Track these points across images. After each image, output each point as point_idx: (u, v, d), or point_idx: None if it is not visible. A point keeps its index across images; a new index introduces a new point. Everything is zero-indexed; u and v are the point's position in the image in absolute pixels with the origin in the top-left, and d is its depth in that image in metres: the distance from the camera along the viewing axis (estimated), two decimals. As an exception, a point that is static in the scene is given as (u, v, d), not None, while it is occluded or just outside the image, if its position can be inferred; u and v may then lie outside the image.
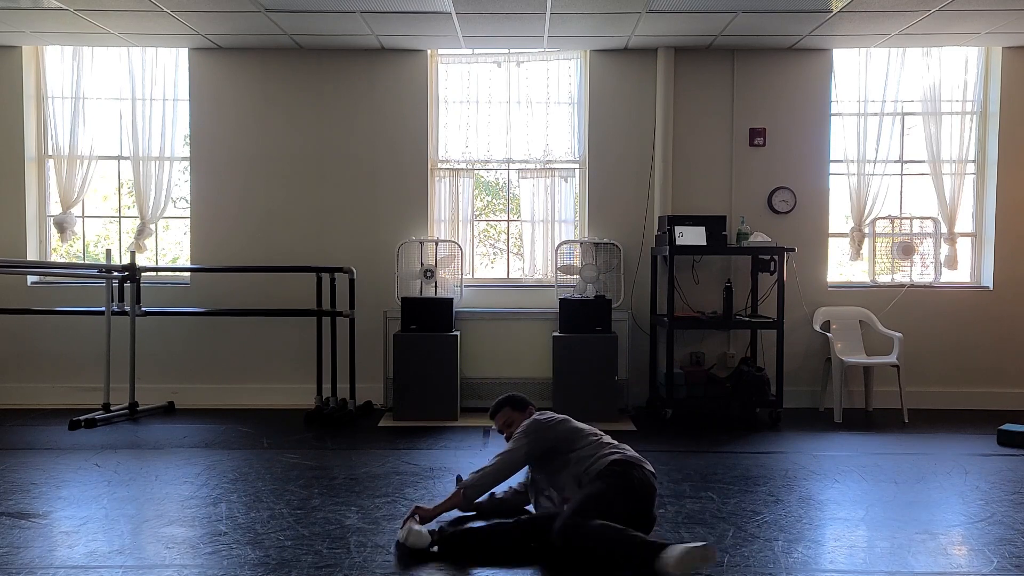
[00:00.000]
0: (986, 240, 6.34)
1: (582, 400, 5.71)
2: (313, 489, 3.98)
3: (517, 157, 6.41)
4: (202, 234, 6.32)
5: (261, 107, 6.29)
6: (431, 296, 5.99)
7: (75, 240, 6.50)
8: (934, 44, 6.09)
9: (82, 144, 6.29)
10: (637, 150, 6.27)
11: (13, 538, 3.27)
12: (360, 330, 6.11)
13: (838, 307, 6.26)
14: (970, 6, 5.22)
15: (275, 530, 3.37)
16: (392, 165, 6.30)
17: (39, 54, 6.32)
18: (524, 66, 6.35)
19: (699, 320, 5.87)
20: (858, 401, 6.20)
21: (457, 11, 5.32)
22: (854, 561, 3.10)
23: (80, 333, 6.21)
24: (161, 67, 6.30)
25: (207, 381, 6.31)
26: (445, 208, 6.40)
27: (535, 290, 6.34)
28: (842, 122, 6.29)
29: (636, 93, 6.25)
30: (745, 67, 6.23)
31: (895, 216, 6.42)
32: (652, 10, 5.29)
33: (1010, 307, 6.26)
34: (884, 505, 3.82)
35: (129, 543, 3.24)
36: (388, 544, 3.21)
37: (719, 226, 5.80)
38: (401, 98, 6.28)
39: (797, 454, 4.81)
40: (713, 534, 3.34)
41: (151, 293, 6.15)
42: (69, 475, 4.25)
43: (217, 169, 6.31)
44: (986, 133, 6.31)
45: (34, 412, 5.94)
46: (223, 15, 5.46)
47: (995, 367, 6.27)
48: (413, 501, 3.78)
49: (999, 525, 3.50)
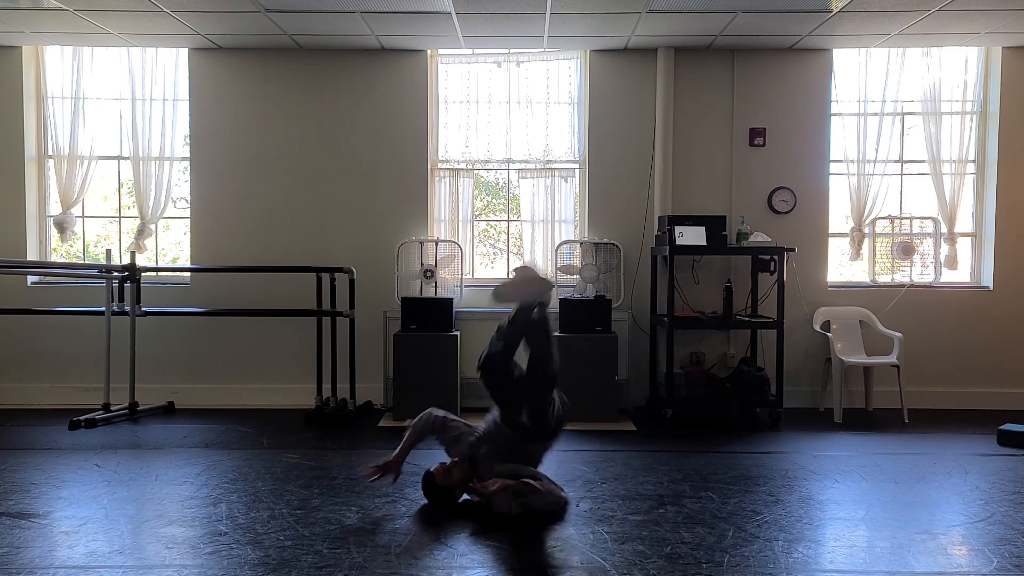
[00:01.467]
0: (986, 240, 6.34)
1: (582, 400, 5.70)
2: (313, 489, 3.98)
3: (517, 157, 6.41)
4: (202, 234, 6.33)
5: (261, 107, 6.29)
6: (431, 296, 5.99)
7: (75, 240, 6.50)
8: (934, 44, 6.09)
9: (82, 144, 6.29)
10: (637, 150, 6.27)
11: (13, 538, 3.27)
12: (360, 330, 6.12)
13: (838, 307, 6.26)
14: (970, 6, 5.22)
15: (275, 530, 3.37)
16: (392, 165, 6.30)
17: (39, 54, 6.32)
18: (524, 66, 6.35)
19: (699, 320, 5.87)
20: (858, 401, 6.20)
21: (457, 11, 5.32)
22: (854, 561, 3.10)
23: (80, 333, 6.21)
24: (161, 67, 6.30)
25: (207, 381, 6.31)
26: (445, 208, 6.40)
27: (535, 290, 6.33)
28: (842, 122, 6.29)
29: (636, 93, 6.25)
30: (745, 67, 6.23)
31: (895, 216, 6.42)
32: (652, 10, 5.29)
33: (1010, 307, 6.26)
34: (884, 505, 3.82)
35: (129, 543, 3.24)
36: (388, 544, 3.21)
37: (719, 226, 5.80)
38: (401, 98, 6.28)
39: (797, 454, 4.81)
40: (713, 534, 3.34)
41: (151, 293, 6.15)
42: (69, 475, 4.25)
43: (217, 169, 6.31)
44: (986, 133, 6.31)
45: (34, 412, 5.94)
46: (223, 15, 5.46)
47: (995, 367, 6.27)
48: (413, 501, 3.79)
49: (999, 525, 3.50)
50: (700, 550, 3.16)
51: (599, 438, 5.23)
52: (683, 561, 3.04)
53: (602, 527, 3.43)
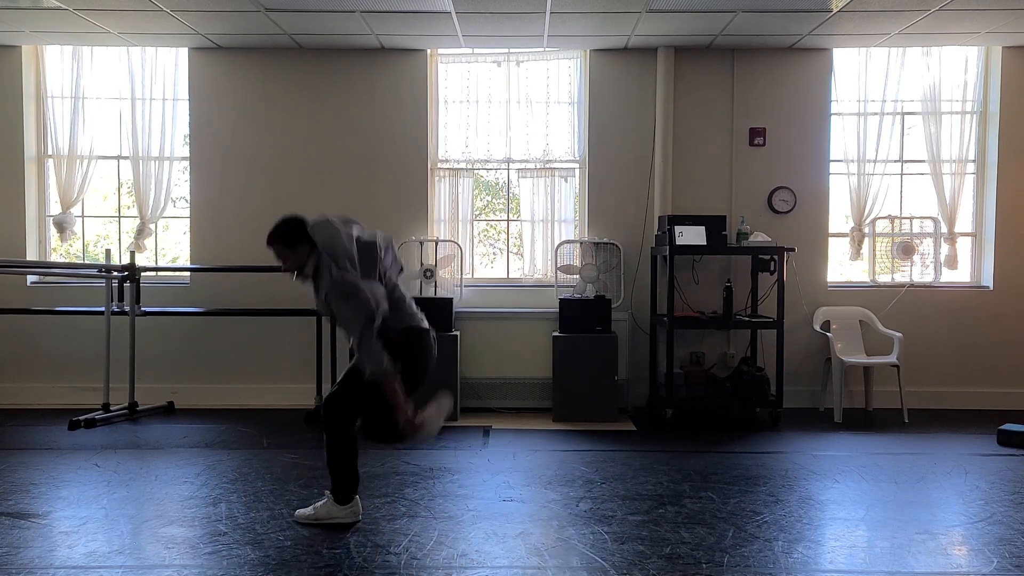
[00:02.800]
0: (986, 240, 6.34)
1: (582, 400, 5.72)
2: (313, 489, 3.98)
3: (517, 157, 6.41)
4: (202, 234, 6.32)
5: (261, 107, 6.29)
6: (431, 296, 5.99)
7: (75, 240, 6.50)
8: (934, 44, 6.09)
9: (82, 144, 6.29)
10: (637, 150, 6.27)
11: (13, 538, 3.27)
12: (360, 330, 6.10)
13: (838, 307, 6.26)
14: (970, 6, 5.22)
15: (275, 530, 3.37)
16: (392, 165, 6.30)
17: (39, 54, 6.32)
18: (524, 66, 6.34)
19: (699, 320, 5.87)
20: (858, 401, 6.20)
21: (457, 11, 5.32)
22: (854, 561, 3.10)
23: (80, 333, 6.21)
24: (161, 67, 6.30)
25: (207, 381, 6.30)
26: (445, 208, 6.40)
27: (535, 290, 6.33)
28: (842, 122, 6.29)
29: (636, 93, 6.25)
30: (745, 67, 6.23)
31: (895, 216, 6.42)
32: (652, 10, 5.28)
33: (1010, 307, 6.26)
34: (884, 505, 3.82)
35: (129, 543, 3.24)
36: (388, 544, 3.21)
37: (719, 226, 5.80)
38: (401, 98, 6.27)
39: (797, 454, 4.81)
40: (713, 534, 3.34)
41: (151, 293, 6.15)
42: (69, 475, 4.25)
43: (217, 169, 6.31)
44: (986, 133, 6.31)
45: (34, 412, 5.93)
46: (223, 15, 5.45)
47: (995, 367, 6.27)
48: (413, 501, 3.79)
49: (999, 525, 3.50)
50: (700, 550, 3.16)
51: (599, 438, 5.23)
52: (683, 561, 3.04)
53: (602, 527, 3.43)
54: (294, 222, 3.43)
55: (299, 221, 3.43)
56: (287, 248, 3.41)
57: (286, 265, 3.44)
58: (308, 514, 3.48)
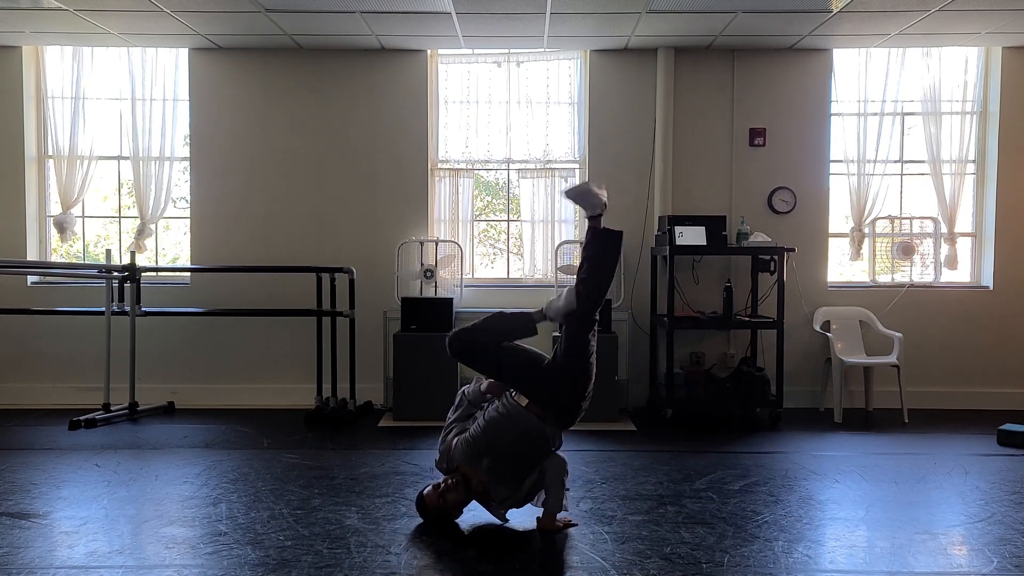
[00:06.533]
0: (986, 240, 6.34)
1: (582, 400, 5.72)
2: (313, 489, 3.98)
3: (517, 157, 6.41)
4: (202, 234, 6.33)
5: (261, 107, 6.29)
6: (431, 296, 6.00)
7: (75, 240, 6.50)
8: (934, 44, 6.09)
9: (82, 144, 6.29)
10: (637, 150, 6.27)
11: (13, 538, 3.27)
12: (360, 330, 6.11)
13: (838, 307, 6.26)
14: (970, 6, 5.22)
15: (275, 530, 3.37)
16: (392, 165, 6.30)
17: (39, 54, 6.32)
18: (524, 66, 6.35)
19: (699, 320, 5.87)
20: (858, 401, 6.20)
21: (457, 11, 5.32)
22: (854, 561, 3.10)
23: (80, 333, 6.21)
24: (161, 67, 6.30)
25: (207, 381, 6.31)
26: (445, 208, 6.40)
27: (535, 290, 6.33)
28: (842, 122, 6.29)
29: (636, 93, 6.25)
30: (745, 67, 6.23)
31: (895, 216, 6.42)
32: (652, 10, 5.29)
33: (1010, 307, 6.26)
34: (884, 505, 3.82)
35: (129, 543, 3.24)
36: (388, 544, 3.21)
37: (719, 226, 5.80)
38: (401, 98, 6.28)
39: (797, 454, 4.81)
40: (713, 534, 3.35)
41: (151, 293, 6.15)
42: (69, 475, 4.25)
43: (217, 169, 6.31)
44: (986, 133, 6.31)
45: (34, 412, 5.94)
46: (223, 15, 5.46)
47: (995, 367, 6.27)
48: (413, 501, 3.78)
49: (999, 525, 3.50)
50: (700, 550, 3.16)
51: (599, 438, 5.22)
52: (683, 561, 3.04)
53: (602, 527, 3.43)
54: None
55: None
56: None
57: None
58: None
